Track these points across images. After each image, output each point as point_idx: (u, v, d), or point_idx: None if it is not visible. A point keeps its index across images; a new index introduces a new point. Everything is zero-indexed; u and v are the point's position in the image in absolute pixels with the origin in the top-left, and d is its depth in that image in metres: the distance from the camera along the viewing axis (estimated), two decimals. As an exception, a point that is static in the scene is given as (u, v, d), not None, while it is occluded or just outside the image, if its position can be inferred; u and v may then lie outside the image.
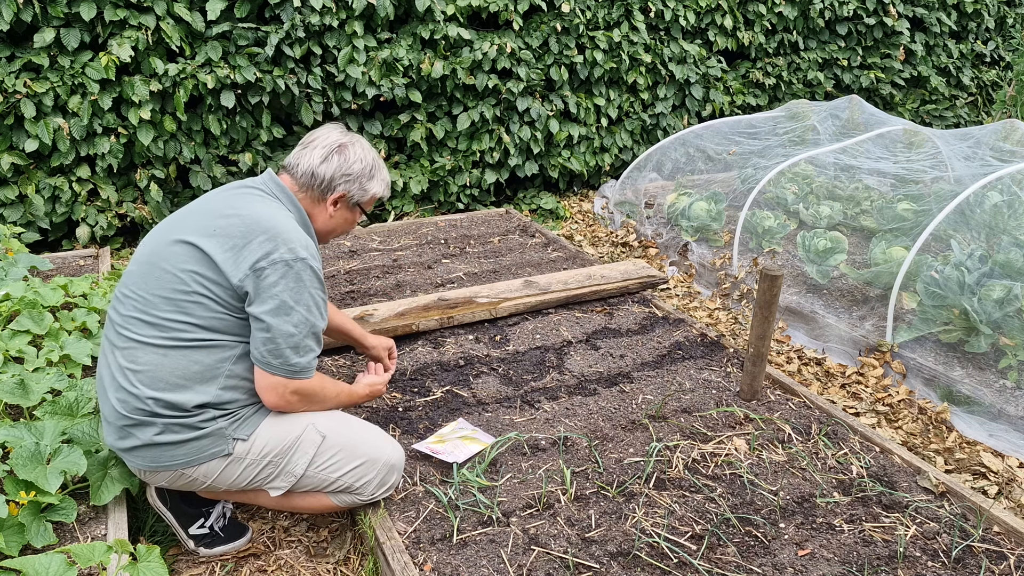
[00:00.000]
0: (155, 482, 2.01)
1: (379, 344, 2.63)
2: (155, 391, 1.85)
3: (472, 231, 4.59)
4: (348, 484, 2.03)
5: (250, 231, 1.89)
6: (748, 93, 6.28)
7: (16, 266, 3.24)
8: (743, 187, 4.64)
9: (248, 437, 1.95)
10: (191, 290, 1.86)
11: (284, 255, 1.87)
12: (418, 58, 4.76)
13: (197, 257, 1.88)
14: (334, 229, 2.19)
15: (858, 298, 3.76)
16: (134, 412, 1.87)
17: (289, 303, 1.87)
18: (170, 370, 1.86)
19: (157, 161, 4.35)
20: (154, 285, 1.89)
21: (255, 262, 1.86)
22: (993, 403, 2.93)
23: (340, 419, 2.09)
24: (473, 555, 2.01)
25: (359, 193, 2.14)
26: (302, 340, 1.91)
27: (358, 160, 2.11)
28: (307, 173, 2.07)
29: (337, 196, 2.11)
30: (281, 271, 1.86)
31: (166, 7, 4.14)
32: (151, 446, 1.89)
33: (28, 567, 1.64)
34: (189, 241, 1.89)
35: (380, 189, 2.19)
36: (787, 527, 2.16)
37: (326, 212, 2.12)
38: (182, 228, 1.94)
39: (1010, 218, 3.73)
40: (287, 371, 1.91)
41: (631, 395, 2.81)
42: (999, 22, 7.59)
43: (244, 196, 2.01)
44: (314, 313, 1.93)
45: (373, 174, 2.15)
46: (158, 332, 1.87)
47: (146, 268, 1.92)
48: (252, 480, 1.99)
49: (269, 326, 1.86)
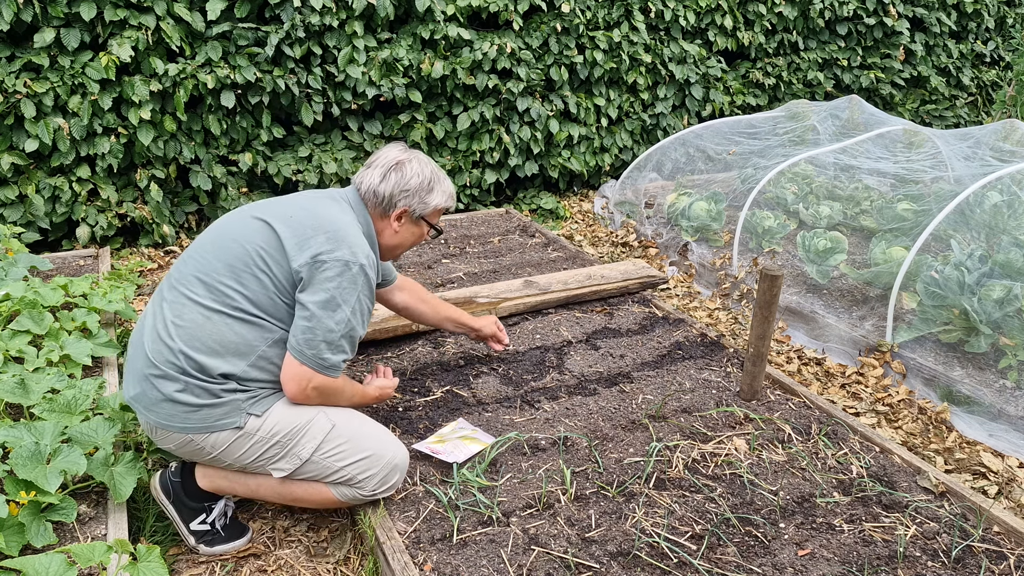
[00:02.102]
0: (164, 443, 2.04)
1: (486, 324, 2.80)
2: (190, 349, 1.93)
3: (472, 231, 4.59)
4: (351, 476, 2.04)
5: (320, 226, 2.01)
6: (748, 93, 6.28)
7: (16, 266, 3.24)
8: (743, 187, 4.64)
9: (262, 414, 2.00)
10: (253, 263, 1.97)
11: (345, 255, 1.98)
12: (418, 58, 4.76)
13: (267, 234, 2.00)
14: (401, 244, 2.28)
15: (858, 298, 3.76)
16: (164, 363, 1.94)
17: (338, 299, 1.96)
18: (209, 333, 1.94)
19: (157, 161, 4.35)
20: (221, 251, 2.01)
21: (317, 253, 1.96)
22: (993, 403, 2.93)
23: (351, 413, 2.14)
24: (473, 555, 2.01)
25: (420, 207, 2.22)
26: (339, 339, 1.98)
27: (415, 175, 2.19)
28: (369, 192, 2.18)
29: (399, 212, 2.20)
30: (339, 268, 1.96)
31: (166, 7, 4.14)
32: (169, 401, 1.94)
33: (28, 567, 1.64)
34: (264, 219, 2.03)
35: (442, 200, 2.26)
36: (787, 527, 2.16)
37: (391, 228, 2.23)
38: (261, 210, 2.08)
39: (1010, 218, 3.73)
40: (317, 364, 1.98)
41: (631, 395, 2.81)
42: (999, 22, 7.59)
43: (324, 199, 2.15)
44: (357, 317, 2.01)
45: (432, 187, 2.22)
46: (210, 294, 1.97)
47: (216, 236, 2.06)
48: (258, 458, 2.01)
49: (313, 315, 1.95)
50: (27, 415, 2.34)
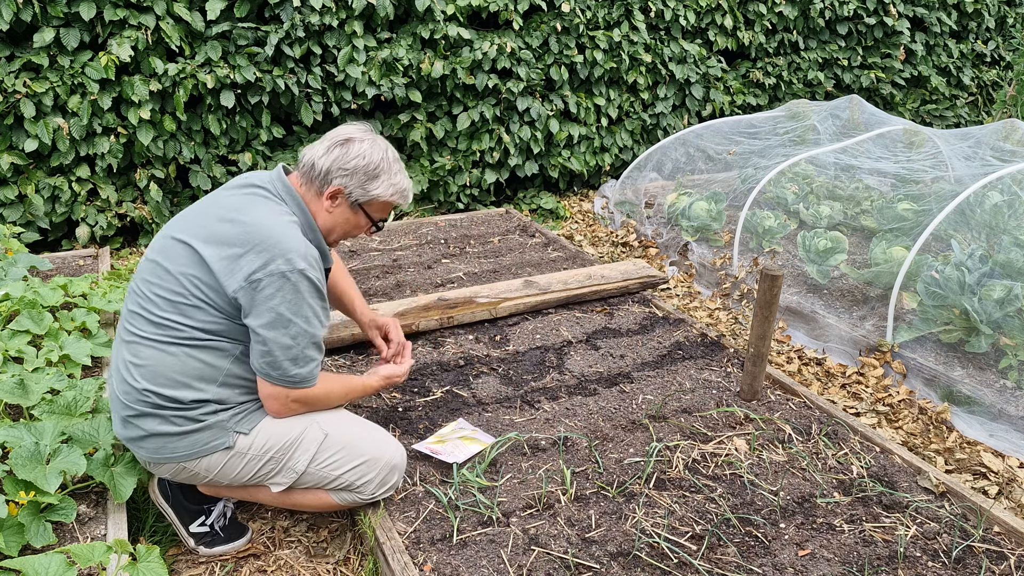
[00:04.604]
0: (160, 473, 2.03)
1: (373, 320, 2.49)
2: (154, 385, 1.88)
3: (472, 231, 4.59)
4: (349, 482, 2.04)
5: (248, 239, 1.86)
6: (748, 93, 6.28)
7: (16, 266, 3.24)
8: (743, 187, 4.64)
9: (250, 431, 1.97)
10: (190, 294, 1.87)
11: (281, 266, 1.83)
12: (418, 58, 4.76)
13: (195, 261, 1.88)
14: (334, 228, 2.06)
15: (858, 298, 3.76)
16: (135, 403, 1.90)
17: (286, 316, 1.85)
18: (170, 366, 1.88)
19: (157, 161, 4.34)
20: (157, 286, 1.91)
21: (251, 273, 1.83)
22: (993, 403, 2.93)
23: (343, 417, 2.10)
24: (473, 555, 2.01)
25: (358, 192, 2.01)
26: (301, 352, 1.90)
27: (360, 156, 1.99)
28: (308, 164, 2.00)
29: (333, 190, 2.00)
30: (278, 283, 1.83)
31: (166, 7, 4.13)
32: (154, 436, 1.92)
33: (28, 567, 1.64)
34: (190, 244, 1.89)
35: (387, 193, 2.03)
36: (787, 527, 2.15)
37: (323, 207, 2.02)
38: (187, 227, 1.93)
39: (1010, 218, 3.72)
40: (286, 382, 1.92)
41: (631, 395, 2.81)
42: (999, 22, 7.58)
43: (249, 198, 1.97)
44: (313, 324, 1.91)
45: (378, 174, 2.01)
46: (159, 331, 1.89)
47: (153, 265, 1.94)
48: (254, 475, 2.00)
49: (265, 339, 1.85)
50: (27, 415, 2.34)
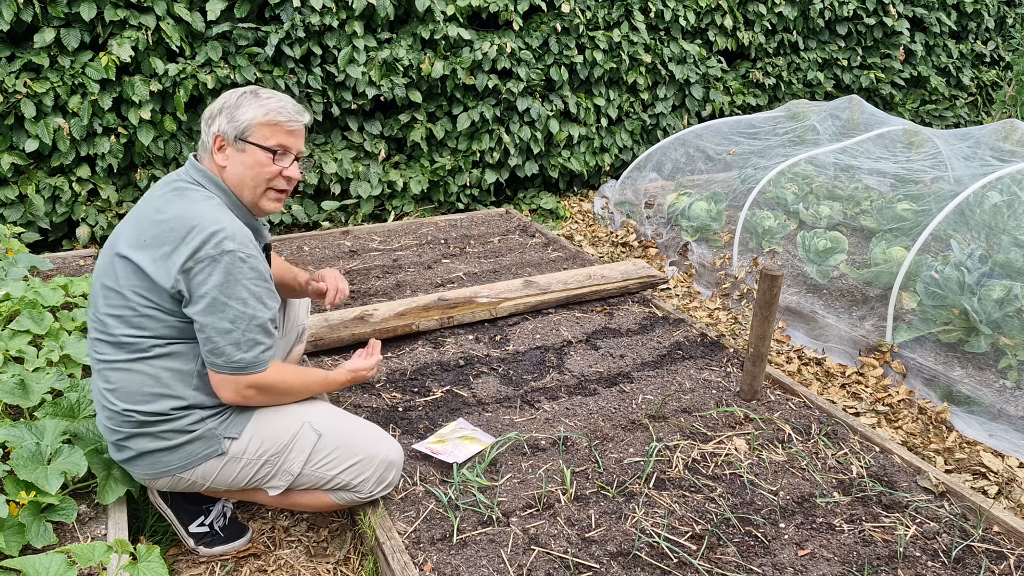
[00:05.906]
0: (158, 487, 2.04)
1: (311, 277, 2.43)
2: (132, 404, 1.88)
3: (472, 231, 4.59)
4: (346, 482, 2.04)
5: (175, 234, 1.83)
6: (748, 93, 6.28)
7: (16, 266, 3.24)
8: (743, 187, 4.65)
9: (240, 435, 1.96)
10: (138, 306, 1.85)
11: (209, 251, 1.81)
12: (418, 58, 4.76)
13: (134, 272, 1.85)
14: (242, 180, 1.96)
15: (858, 298, 3.76)
16: (121, 425, 1.91)
17: (221, 299, 1.82)
18: (141, 382, 1.88)
19: (157, 161, 4.35)
20: (104, 305, 1.89)
21: (182, 264, 1.81)
22: (993, 403, 2.93)
23: (337, 416, 2.09)
24: (473, 555, 2.01)
25: (230, 128, 1.93)
26: (243, 336, 1.85)
27: (221, 99, 1.96)
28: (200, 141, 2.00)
29: (217, 143, 1.95)
30: (208, 268, 1.81)
31: (166, 7, 4.14)
32: (146, 454, 1.93)
33: (28, 567, 1.64)
34: (125, 255, 1.87)
35: (258, 114, 1.94)
36: (787, 527, 2.16)
37: (218, 166, 1.96)
38: (120, 240, 1.91)
39: (1010, 218, 3.73)
40: (232, 368, 1.87)
41: (631, 395, 2.81)
42: (999, 22, 7.59)
43: (171, 195, 1.93)
44: (251, 305, 1.86)
45: (239, 104, 1.94)
46: (120, 351, 1.88)
47: (97, 287, 1.93)
48: (250, 479, 2.00)
49: (203, 326, 1.83)
50: (27, 416, 2.34)
